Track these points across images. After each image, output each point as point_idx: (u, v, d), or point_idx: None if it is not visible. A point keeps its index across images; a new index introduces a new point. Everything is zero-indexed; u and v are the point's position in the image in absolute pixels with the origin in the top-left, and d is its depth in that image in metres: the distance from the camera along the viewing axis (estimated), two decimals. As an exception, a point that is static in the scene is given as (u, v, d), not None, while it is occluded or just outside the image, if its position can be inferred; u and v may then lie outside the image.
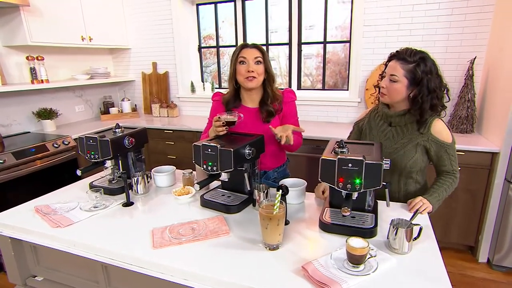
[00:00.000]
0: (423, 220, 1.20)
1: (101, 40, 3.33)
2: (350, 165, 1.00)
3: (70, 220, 1.25)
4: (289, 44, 3.28)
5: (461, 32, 2.61)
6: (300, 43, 3.27)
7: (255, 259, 0.98)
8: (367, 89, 2.96)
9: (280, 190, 1.02)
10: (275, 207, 0.98)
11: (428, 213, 1.27)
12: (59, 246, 1.15)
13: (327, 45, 3.21)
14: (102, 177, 1.65)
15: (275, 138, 1.55)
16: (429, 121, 1.33)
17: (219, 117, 1.38)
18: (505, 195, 2.17)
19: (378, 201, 1.28)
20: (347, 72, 3.20)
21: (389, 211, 1.25)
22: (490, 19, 2.51)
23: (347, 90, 3.18)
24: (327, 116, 3.21)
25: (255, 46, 1.50)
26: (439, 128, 1.33)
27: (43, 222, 1.25)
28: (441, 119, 1.35)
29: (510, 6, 2.23)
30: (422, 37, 2.73)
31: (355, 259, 0.89)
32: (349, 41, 3.07)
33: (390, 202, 1.32)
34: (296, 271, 0.92)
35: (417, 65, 1.26)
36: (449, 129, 1.35)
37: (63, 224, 1.21)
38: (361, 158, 1.00)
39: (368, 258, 0.90)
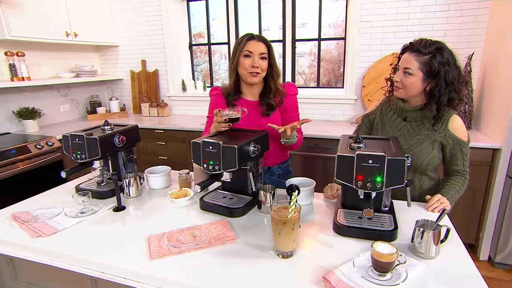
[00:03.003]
0: (442, 220, 1.11)
1: (87, 36, 3.17)
2: (370, 161, 0.91)
3: (53, 228, 1.11)
4: (283, 41, 3.19)
5: (458, 28, 2.58)
6: (294, 40, 3.18)
7: (267, 269, 0.87)
8: (364, 86, 2.90)
9: (296, 191, 0.91)
10: (290, 209, 0.87)
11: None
12: (41, 258, 1.01)
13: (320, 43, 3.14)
14: (90, 179, 1.51)
15: (278, 136, 1.46)
16: (446, 117, 1.26)
17: (219, 110, 1.26)
18: (507, 192, 2.14)
19: (392, 200, 1.19)
20: (341, 70, 3.15)
21: (406, 211, 1.16)
22: (487, 15, 2.49)
23: (342, 87, 3.13)
24: (323, 114, 3.14)
25: (261, 39, 1.41)
26: (457, 125, 1.26)
27: (21, 231, 1.11)
28: (459, 115, 1.28)
29: (506, 2, 2.21)
30: (419, 33, 2.69)
31: (382, 267, 0.79)
32: (344, 38, 3.01)
33: (404, 201, 1.24)
34: (316, 281, 0.81)
35: (433, 56, 1.18)
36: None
37: (45, 233, 1.07)
38: (383, 153, 0.90)
39: (396, 265, 0.81)
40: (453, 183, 1.30)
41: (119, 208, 1.25)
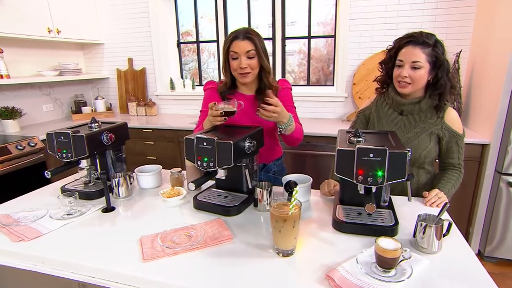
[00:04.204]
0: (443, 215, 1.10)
1: (70, 33, 3.05)
2: (371, 155, 0.88)
3: (37, 232, 1.04)
4: (273, 39, 3.17)
5: (446, 26, 2.62)
6: (284, 38, 3.16)
7: (268, 268, 0.84)
8: (354, 84, 2.91)
9: (298, 187, 0.88)
10: (291, 206, 0.84)
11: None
12: (24, 264, 0.94)
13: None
14: (76, 179, 1.43)
15: (273, 131, 1.43)
16: (443, 108, 1.27)
17: (214, 103, 1.20)
18: (495, 187, 2.17)
19: (390, 196, 1.17)
20: (330, 68, 3.16)
21: (404, 206, 1.15)
22: (473, 13, 2.53)
23: (332, 85, 3.12)
24: (313, 112, 3.13)
25: (247, 37, 1.33)
26: (452, 117, 1.27)
27: (1, 235, 1.03)
28: (454, 109, 1.28)
29: (491, 0, 2.25)
30: (407, 30, 2.66)
31: (387, 263, 0.77)
32: (334, 36, 3.01)
33: (401, 196, 1.23)
34: (319, 280, 0.78)
35: (435, 47, 1.19)
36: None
37: (28, 237, 1.00)
38: (384, 147, 0.88)
39: (401, 260, 0.78)
40: (449, 178, 1.30)
41: (108, 209, 1.19)
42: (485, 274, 0.81)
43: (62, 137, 1.20)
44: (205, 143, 1.05)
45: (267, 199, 1.14)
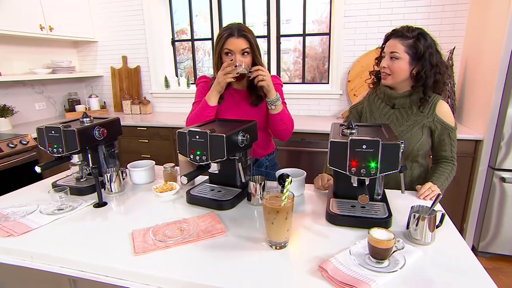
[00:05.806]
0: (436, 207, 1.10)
1: (63, 31, 3.02)
2: (364, 146, 0.88)
3: (27, 227, 1.02)
4: (268, 37, 3.16)
5: (440, 23, 2.63)
6: (278, 36, 3.16)
7: (261, 261, 0.83)
8: (349, 81, 2.91)
9: (290, 178, 0.87)
10: (284, 197, 0.83)
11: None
12: (12, 259, 0.93)
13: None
14: (68, 175, 1.42)
15: (265, 126, 1.42)
16: (433, 102, 1.28)
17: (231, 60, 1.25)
18: (489, 182, 2.19)
19: (384, 189, 1.17)
20: (325, 66, 3.16)
21: (398, 199, 1.15)
22: (466, 11, 2.55)
23: (327, 83, 3.13)
24: (308, 109, 3.13)
25: (241, 34, 1.32)
26: (444, 110, 1.28)
27: (-10, 231, 1.01)
28: (445, 101, 1.29)
29: (484, -2, 2.27)
30: (402, 28, 2.72)
31: (380, 254, 0.77)
32: (329, 34, 3.01)
33: (394, 190, 1.23)
34: (312, 271, 0.77)
35: (417, 39, 1.22)
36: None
37: (17, 232, 0.98)
38: (377, 138, 0.88)
39: (394, 251, 0.78)
40: (442, 171, 1.30)
41: (100, 204, 1.18)
42: (477, 264, 0.81)
43: (53, 132, 1.18)
44: (197, 136, 1.04)
45: (260, 193, 1.14)
